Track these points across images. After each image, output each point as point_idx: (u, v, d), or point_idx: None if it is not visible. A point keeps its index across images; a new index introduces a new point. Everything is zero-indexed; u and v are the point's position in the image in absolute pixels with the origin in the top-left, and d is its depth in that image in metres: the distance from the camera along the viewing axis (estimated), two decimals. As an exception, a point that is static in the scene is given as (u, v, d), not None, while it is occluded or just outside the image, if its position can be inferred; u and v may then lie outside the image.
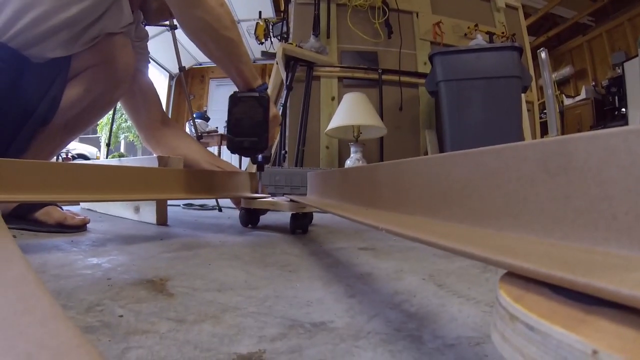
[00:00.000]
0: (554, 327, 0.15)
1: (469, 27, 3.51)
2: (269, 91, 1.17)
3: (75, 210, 1.14)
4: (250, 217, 1.28)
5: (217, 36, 1.04)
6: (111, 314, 0.44)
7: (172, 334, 0.39)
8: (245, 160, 3.91)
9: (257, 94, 1.09)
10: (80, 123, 1.11)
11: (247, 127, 1.08)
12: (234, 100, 1.09)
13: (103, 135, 6.14)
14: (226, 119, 1.11)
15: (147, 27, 1.42)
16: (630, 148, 0.20)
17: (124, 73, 1.11)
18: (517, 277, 0.21)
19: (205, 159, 1.36)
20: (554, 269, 0.18)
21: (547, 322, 0.16)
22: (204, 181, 1.14)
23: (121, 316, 0.43)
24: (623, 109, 5.27)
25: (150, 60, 1.50)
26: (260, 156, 1.21)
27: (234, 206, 1.37)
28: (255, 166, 1.26)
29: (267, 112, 1.09)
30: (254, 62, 7.27)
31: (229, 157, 4.27)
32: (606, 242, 0.21)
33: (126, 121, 6.52)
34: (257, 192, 1.31)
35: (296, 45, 2.83)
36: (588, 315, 0.16)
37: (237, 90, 1.12)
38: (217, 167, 1.32)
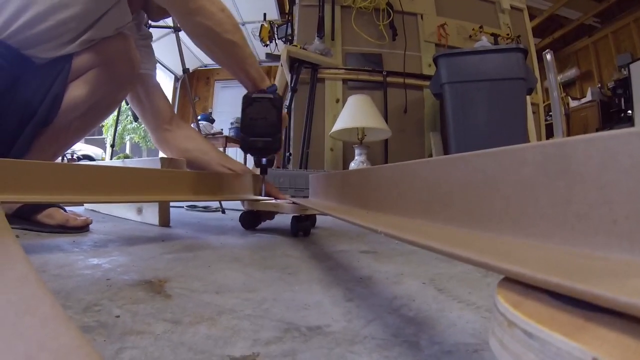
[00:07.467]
0: (553, 333, 0.15)
1: (473, 29, 3.50)
2: None
3: (78, 211, 1.14)
4: (253, 220, 1.28)
5: (219, 40, 1.05)
6: (108, 314, 0.44)
7: (167, 335, 0.39)
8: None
9: (271, 96, 1.11)
10: (85, 124, 1.11)
11: (261, 128, 1.09)
12: (248, 100, 1.11)
13: (108, 136, 6.13)
14: (237, 118, 1.12)
15: (151, 29, 1.42)
16: (630, 151, 0.19)
17: (129, 73, 1.11)
18: (515, 283, 0.20)
19: (216, 160, 1.34)
20: (552, 274, 0.18)
21: (546, 329, 0.15)
22: (207, 183, 1.14)
23: (118, 316, 0.43)
24: (629, 111, 5.25)
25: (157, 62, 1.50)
26: (264, 159, 1.22)
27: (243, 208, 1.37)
28: (258, 168, 1.26)
29: (280, 114, 1.10)
30: (259, 64, 7.27)
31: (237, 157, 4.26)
32: (606, 247, 0.20)
33: (131, 122, 6.52)
34: (261, 195, 1.30)
35: (300, 48, 2.83)
36: (588, 322, 0.15)
37: (247, 92, 1.13)
38: (227, 169, 1.31)
